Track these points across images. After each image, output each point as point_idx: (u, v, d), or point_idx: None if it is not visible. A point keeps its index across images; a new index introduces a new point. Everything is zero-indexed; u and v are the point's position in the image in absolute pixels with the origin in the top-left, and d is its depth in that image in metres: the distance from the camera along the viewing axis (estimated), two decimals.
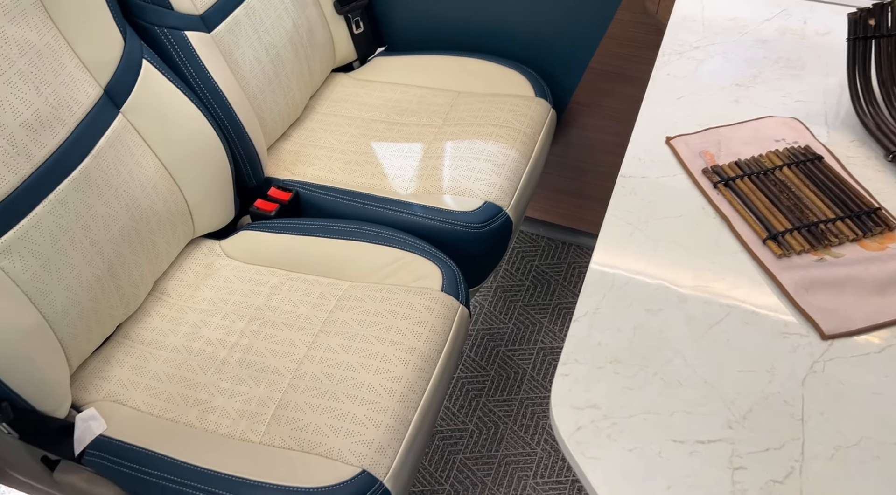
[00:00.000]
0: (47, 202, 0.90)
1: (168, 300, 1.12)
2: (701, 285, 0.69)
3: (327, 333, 1.02)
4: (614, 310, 0.66)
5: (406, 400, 0.94)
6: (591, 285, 0.68)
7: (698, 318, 0.66)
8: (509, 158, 1.24)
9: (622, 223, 0.74)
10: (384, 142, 1.32)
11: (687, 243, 0.72)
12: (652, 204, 0.75)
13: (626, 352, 0.63)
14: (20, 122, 0.87)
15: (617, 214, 0.74)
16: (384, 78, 1.47)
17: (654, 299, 0.67)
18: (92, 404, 0.99)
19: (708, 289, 0.68)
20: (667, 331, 0.65)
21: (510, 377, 1.50)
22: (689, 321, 0.65)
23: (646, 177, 0.78)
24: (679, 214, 0.75)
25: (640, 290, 0.68)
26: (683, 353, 0.63)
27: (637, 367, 0.62)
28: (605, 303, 0.67)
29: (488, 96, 1.37)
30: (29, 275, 0.88)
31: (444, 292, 1.06)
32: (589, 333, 0.65)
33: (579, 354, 0.63)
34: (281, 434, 0.92)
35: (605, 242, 0.72)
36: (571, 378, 0.62)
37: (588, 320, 0.66)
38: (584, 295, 0.68)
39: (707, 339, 0.64)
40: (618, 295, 0.67)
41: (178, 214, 1.11)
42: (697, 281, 0.69)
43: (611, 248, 0.71)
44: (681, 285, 0.68)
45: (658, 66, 0.92)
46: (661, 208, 0.75)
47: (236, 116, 1.16)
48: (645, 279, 0.69)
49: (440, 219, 1.15)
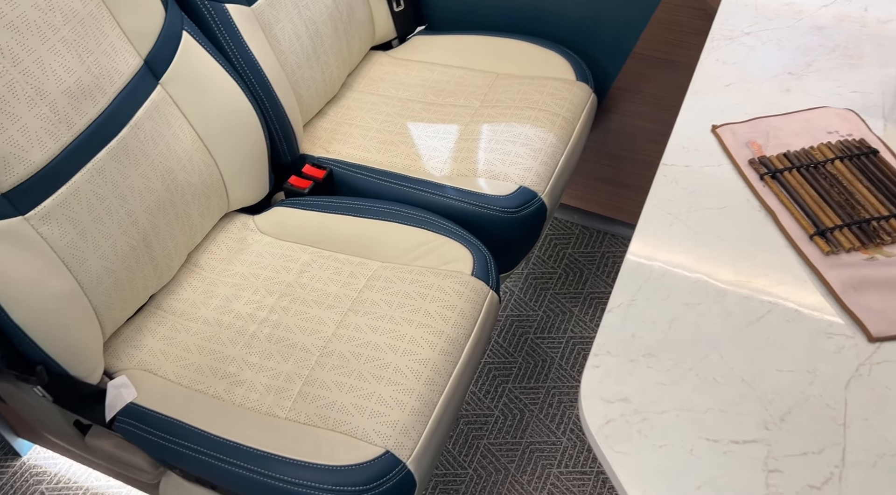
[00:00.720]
0: (85, 171, 0.91)
1: (201, 272, 1.13)
2: (742, 280, 0.66)
3: (356, 313, 1.02)
4: (650, 302, 0.64)
5: (432, 383, 0.93)
6: (627, 275, 0.66)
7: (738, 314, 0.63)
8: (546, 143, 1.22)
9: (662, 213, 0.71)
10: (420, 122, 1.30)
11: (729, 236, 0.70)
12: (694, 194, 0.73)
13: (661, 345, 0.61)
14: (63, 89, 0.88)
15: (657, 204, 0.72)
16: (423, 57, 1.45)
17: (692, 293, 0.65)
18: (124, 372, 1.00)
19: (749, 285, 0.66)
20: (704, 326, 0.63)
21: (538, 365, 1.48)
22: (727, 317, 0.63)
23: (689, 167, 0.75)
24: (722, 206, 0.72)
25: (677, 283, 0.66)
26: (720, 350, 0.61)
27: (671, 362, 0.60)
28: (641, 294, 0.65)
29: (528, 79, 1.35)
30: (66, 241, 0.89)
31: (474, 277, 1.05)
32: (622, 325, 0.63)
33: (612, 346, 0.62)
34: (306, 410, 0.92)
35: (643, 232, 0.69)
36: (602, 370, 0.60)
37: (622, 311, 0.64)
38: (620, 285, 0.66)
39: (746, 336, 0.62)
40: (654, 286, 0.65)
41: (213, 188, 1.12)
42: (738, 275, 0.66)
43: (649, 238, 0.69)
44: (721, 279, 0.66)
45: (706, 52, 0.88)
46: (704, 199, 0.72)
47: (274, 92, 1.15)
48: (683, 272, 0.67)
49: (473, 202, 1.14)
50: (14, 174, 0.83)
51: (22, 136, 0.84)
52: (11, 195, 0.83)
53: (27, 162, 0.84)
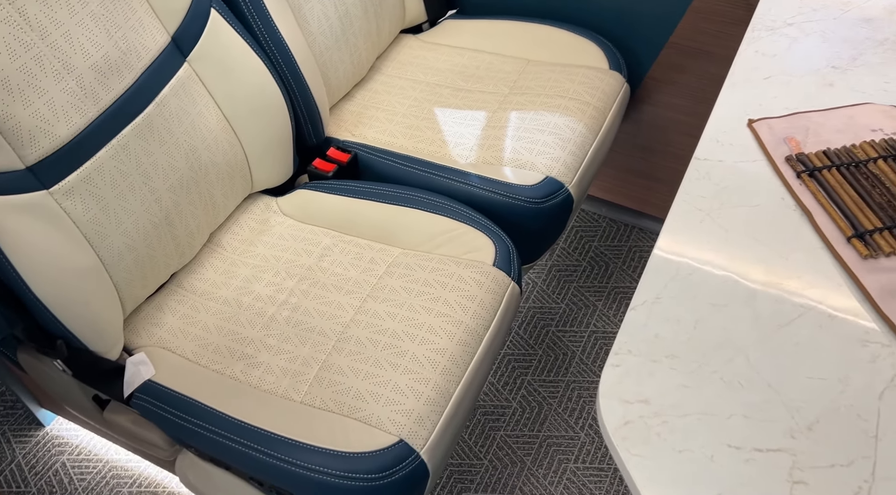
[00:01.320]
0: (110, 146, 0.90)
1: (223, 253, 1.13)
2: (773, 281, 0.63)
3: (375, 299, 1.01)
4: (676, 300, 0.62)
5: (448, 373, 0.92)
6: (653, 272, 0.64)
7: (767, 317, 0.61)
8: (576, 133, 1.19)
9: (692, 209, 0.69)
10: (447, 108, 1.28)
11: (761, 235, 0.67)
12: (726, 190, 0.70)
13: (685, 346, 0.59)
14: (90, 64, 0.88)
15: (687, 199, 0.69)
16: (453, 41, 1.43)
17: (720, 292, 0.63)
18: (143, 349, 1.01)
19: (780, 287, 0.63)
20: (731, 328, 0.60)
21: (558, 358, 1.46)
22: (756, 319, 0.61)
23: (722, 161, 0.72)
24: (755, 204, 0.69)
25: (705, 282, 0.63)
26: (747, 353, 0.59)
27: (695, 364, 0.58)
28: (667, 292, 0.63)
29: (559, 66, 1.32)
30: (89, 217, 0.89)
31: (495, 267, 1.03)
32: (646, 323, 0.61)
33: (633, 345, 0.60)
34: (322, 395, 0.91)
35: (671, 228, 0.67)
36: (623, 369, 0.58)
37: (646, 309, 0.62)
38: (645, 282, 0.63)
39: (775, 340, 0.59)
40: (681, 285, 0.63)
41: (237, 168, 1.11)
42: (769, 276, 0.64)
43: (678, 234, 0.67)
44: (751, 280, 0.64)
45: (746, 42, 0.85)
46: (736, 196, 0.70)
47: (301, 73, 1.14)
48: (712, 270, 0.64)
49: (498, 191, 1.12)
50: (39, 148, 0.83)
51: (48, 110, 0.83)
52: (36, 169, 0.83)
53: (52, 136, 0.84)
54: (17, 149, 0.81)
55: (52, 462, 1.33)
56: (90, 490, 1.29)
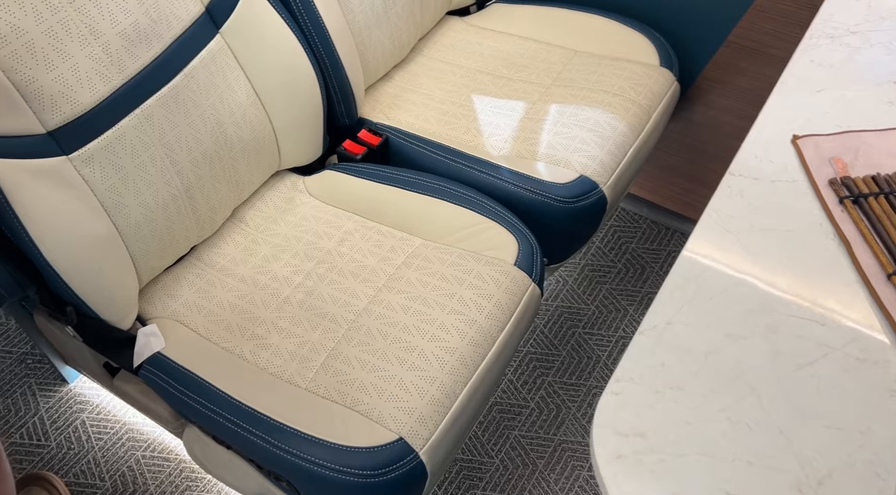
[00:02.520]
0: (133, 116, 0.90)
1: (245, 229, 1.12)
2: (798, 315, 0.58)
3: (390, 290, 0.98)
4: (688, 327, 0.58)
5: (456, 373, 0.89)
6: (667, 294, 0.59)
7: (787, 354, 0.56)
8: (616, 131, 1.13)
9: (719, 228, 0.64)
10: (486, 96, 1.24)
11: (792, 264, 0.62)
12: (759, 211, 0.65)
13: (692, 379, 0.55)
14: (118, 31, 0.86)
15: (715, 217, 0.64)
16: (499, 26, 1.38)
17: (738, 322, 0.58)
18: (157, 320, 1.01)
19: (806, 322, 0.58)
20: (746, 362, 0.56)
21: (582, 361, 1.42)
22: (775, 356, 0.56)
23: (758, 179, 0.67)
24: (789, 228, 0.64)
25: (723, 309, 0.59)
26: (760, 393, 0.54)
27: (701, 399, 0.54)
28: (680, 317, 0.58)
29: (607, 59, 1.26)
30: (107, 186, 0.89)
31: (516, 267, 0.99)
32: (653, 350, 0.57)
33: (637, 372, 0.56)
34: (326, 384, 0.90)
35: (694, 247, 0.62)
36: (622, 398, 0.54)
37: (655, 334, 0.57)
38: (657, 304, 0.59)
39: (793, 381, 0.55)
40: (696, 311, 0.59)
41: (265, 145, 1.10)
42: (795, 309, 0.59)
43: (700, 255, 0.62)
44: (774, 312, 0.59)
45: (801, 50, 0.78)
46: (770, 217, 0.64)
47: (336, 52, 1.11)
48: (732, 298, 0.59)
49: (528, 187, 1.07)
50: (61, 113, 0.83)
51: (72, 76, 0.83)
52: (57, 134, 0.83)
53: (75, 102, 0.83)
54: (38, 113, 0.81)
55: (72, 419, 1.36)
56: (106, 449, 1.32)
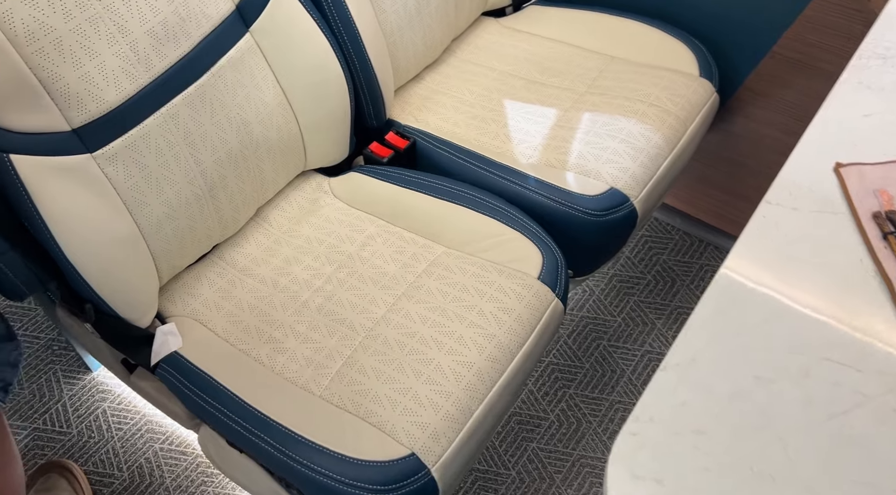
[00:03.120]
0: (158, 114, 0.89)
1: (268, 229, 1.11)
2: (833, 359, 0.55)
3: (409, 298, 0.97)
4: (714, 366, 0.55)
5: (472, 389, 0.87)
6: (693, 330, 0.56)
7: (819, 402, 0.53)
8: (651, 143, 1.10)
9: (752, 262, 0.60)
10: (517, 101, 1.21)
11: (828, 302, 0.58)
12: (795, 244, 0.61)
13: (715, 422, 0.52)
14: (146, 29, 0.86)
15: (748, 249, 0.61)
16: (535, 29, 1.35)
17: (767, 364, 0.55)
18: (175, 318, 1.01)
19: (842, 368, 0.55)
20: (774, 408, 0.53)
21: (606, 374, 1.39)
22: (806, 403, 0.53)
23: (796, 209, 0.63)
24: (827, 263, 0.60)
25: (752, 348, 0.56)
26: (787, 442, 0.51)
27: (724, 445, 0.51)
28: (705, 355, 0.55)
29: (644, 67, 1.22)
30: (130, 184, 0.88)
31: (539, 281, 0.96)
32: (675, 388, 0.54)
33: (657, 411, 0.53)
34: (341, 393, 0.89)
35: (724, 281, 0.59)
36: (640, 438, 0.51)
37: (678, 371, 0.55)
38: (682, 340, 0.56)
39: (824, 431, 0.51)
40: (722, 349, 0.56)
41: (291, 145, 1.08)
42: (830, 353, 0.55)
43: (729, 290, 0.59)
44: (806, 353, 0.55)
45: (849, 71, 0.74)
46: (806, 251, 0.61)
47: (366, 53, 1.09)
48: (762, 337, 0.56)
49: (556, 198, 1.04)
50: (86, 111, 0.82)
51: (98, 74, 0.82)
52: (81, 132, 0.83)
53: (100, 100, 0.83)
54: (64, 111, 0.81)
55: (94, 407, 1.37)
56: (125, 440, 1.33)
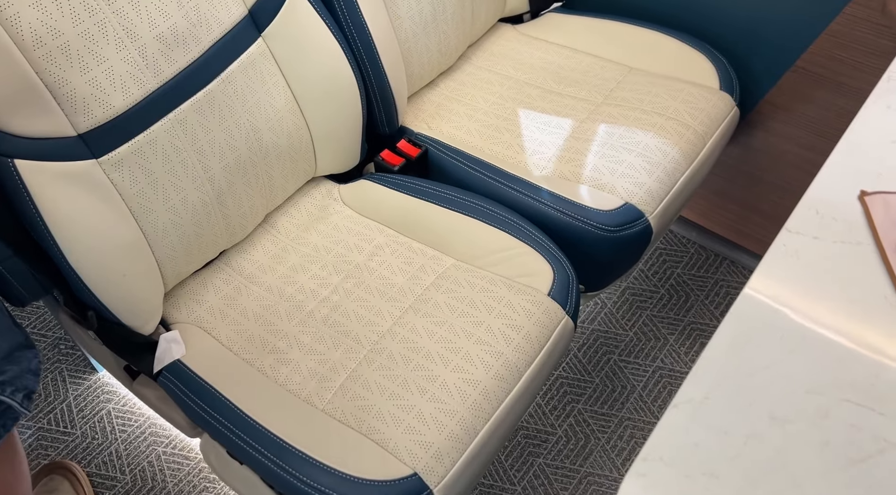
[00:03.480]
0: (166, 120, 0.88)
1: (276, 235, 1.10)
2: (854, 400, 0.52)
3: (416, 312, 0.95)
4: (728, 405, 0.52)
5: (478, 408, 0.85)
6: (706, 366, 0.54)
7: (838, 447, 0.50)
8: (668, 157, 1.07)
9: (770, 293, 0.58)
10: (532, 110, 1.19)
11: (849, 339, 0.56)
12: (816, 276, 0.59)
13: (728, 465, 0.50)
14: (155, 34, 0.84)
15: (766, 279, 0.59)
16: (552, 37, 1.32)
17: (784, 404, 0.52)
18: (180, 325, 1.00)
19: (864, 411, 0.52)
20: (790, 451, 0.50)
21: (616, 390, 1.36)
22: (824, 447, 0.50)
23: (818, 239, 0.61)
24: (850, 298, 0.58)
25: (768, 386, 0.53)
26: (804, 488, 0.49)
27: (736, 490, 0.49)
28: (719, 392, 0.53)
29: (663, 79, 1.19)
30: (136, 190, 0.87)
31: (550, 297, 0.94)
32: (687, 427, 0.52)
33: (667, 451, 0.51)
34: (343, 407, 0.87)
35: (739, 313, 0.57)
36: (649, 480, 0.49)
37: (690, 409, 0.52)
38: (694, 376, 0.54)
39: (843, 478, 0.49)
40: (737, 387, 0.53)
41: (301, 152, 1.07)
42: (852, 394, 0.53)
43: (744, 323, 0.56)
44: (826, 393, 0.53)
45: (876, 94, 0.71)
46: (828, 284, 0.58)
47: (379, 60, 1.08)
48: (779, 374, 0.54)
49: (569, 212, 1.02)
50: (93, 117, 0.81)
51: (106, 79, 0.81)
52: (87, 137, 0.81)
53: (107, 106, 0.82)
54: (70, 116, 0.80)
55: (99, 408, 1.36)
56: (128, 442, 1.32)
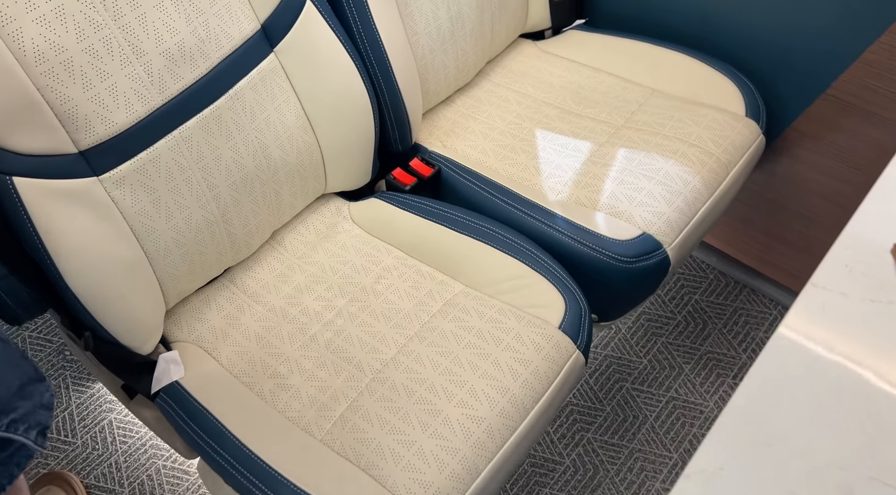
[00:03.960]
0: (170, 138, 0.86)
1: (283, 253, 1.07)
2: (879, 478, 0.49)
3: (421, 340, 0.92)
4: (743, 478, 0.49)
5: (481, 447, 0.82)
6: (722, 432, 0.50)
7: None
8: (689, 187, 1.03)
9: (794, 351, 0.54)
10: (550, 131, 1.15)
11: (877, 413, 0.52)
12: (843, 336, 0.55)
13: None
14: (161, 50, 0.82)
15: (792, 336, 0.55)
16: (574, 55, 1.29)
17: (803, 479, 0.49)
18: (180, 344, 0.97)
19: (888, 488, 0.48)
20: None
21: (627, 420, 1.32)
22: None
23: (846, 295, 0.57)
24: (878, 365, 0.53)
25: (786, 459, 0.49)
26: None
27: None
28: (735, 463, 0.49)
29: (687, 103, 1.15)
30: (137, 209, 0.85)
31: (560, 330, 0.91)
32: None
33: None
34: (342, 439, 0.84)
35: (761, 372, 0.53)
36: None
37: (703, 481, 0.49)
38: (710, 441, 0.50)
39: None
40: (755, 458, 0.49)
41: (311, 169, 1.04)
42: (878, 472, 0.49)
43: (767, 384, 0.53)
44: (850, 471, 0.49)
45: None
46: (856, 345, 0.54)
47: (393, 76, 1.05)
48: (798, 445, 0.50)
49: (584, 241, 0.99)
50: (94, 134, 0.79)
51: (109, 96, 0.79)
52: (88, 154, 0.80)
53: (109, 122, 0.80)
54: (71, 133, 0.78)
55: (101, 418, 1.35)
56: (129, 454, 1.30)
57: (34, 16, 0.72)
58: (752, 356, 1.38)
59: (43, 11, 0.72)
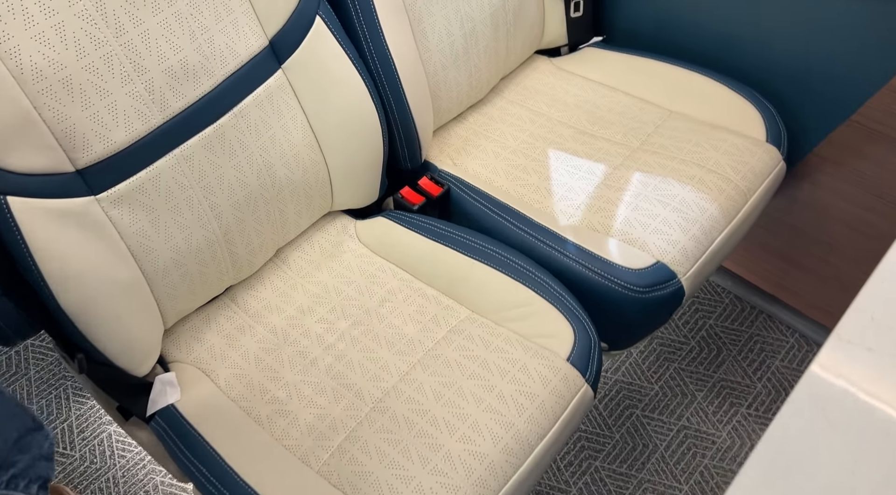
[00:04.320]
0: (171, 156, 0.83)
1: (286, 271, 1.05)
2: None
3: (424, 368, 0.89)
4: None
5: (483, 485, 0.79)
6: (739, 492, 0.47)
7: None
8: (705, 214, 1.00)
9: (813, 411, 0.51)
10: (564, 152, 1.12)
11: None
12: (868, 392, 0.51)
13: None
14: (164, 68, 0.80)
15: (811, 392, 0.51)
16: (590, 73, 1.26)
17: None
18: (178, 364, 0.95)
19: None
20: None
21: (636, 448, 1.29)
22: None
23: (872, 350, 0.53)
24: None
25: None
26: None
27: None
28: None
29: (706, 126, 1.12)
30: (136, 229, 0.83)
31: (569, 363, 0.88)
32: None
33: None
34: (339, 471, 0.81)
35: (776, 436, 0.49)
36: None
37: None
38: None
39: None
40: None
41: (317, 188, 1.02)
42: None
43: (784, 446, 0.49)
44: None
45: None
46: (879, 405, 0.51)
47: (404, 95, 1.02)
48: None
49: (595, 268, 0.95)
50: (92, 152, 0.77)
51: (108, 114, 0.77)
52: (85, 173, 0.78)
53: (108, 141, 0.78)
54: (69, 152, 0.76)
55: (100, 430, 1.33)
56: (126, 469, 1.28)
57: (33, 33, 0.70)
58: (766, 385, 1.34)
59: (42, 28, 0.70)
